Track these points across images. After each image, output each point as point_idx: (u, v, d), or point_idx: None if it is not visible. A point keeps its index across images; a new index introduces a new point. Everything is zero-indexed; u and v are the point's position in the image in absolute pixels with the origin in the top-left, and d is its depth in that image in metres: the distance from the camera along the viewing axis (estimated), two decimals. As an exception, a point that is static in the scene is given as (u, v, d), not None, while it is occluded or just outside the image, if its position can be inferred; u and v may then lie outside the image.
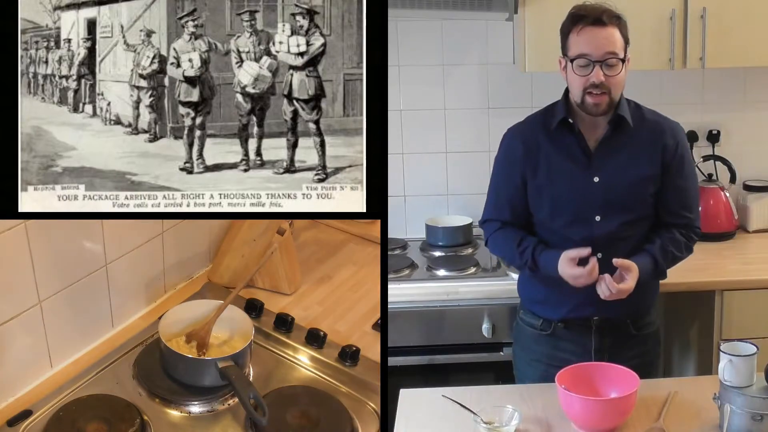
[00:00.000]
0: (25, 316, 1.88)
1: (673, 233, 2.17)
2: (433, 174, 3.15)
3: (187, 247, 2.40)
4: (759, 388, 1.76)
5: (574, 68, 2.05)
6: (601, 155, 2.13)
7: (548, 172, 2.16)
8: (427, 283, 2.72)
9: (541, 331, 2.24)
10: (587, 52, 2.03)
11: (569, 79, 2.10)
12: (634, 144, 2.14)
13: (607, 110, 2.09)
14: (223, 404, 1.93)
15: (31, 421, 1.82)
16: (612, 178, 2.13)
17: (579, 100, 2.08)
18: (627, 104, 2.15)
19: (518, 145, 2.20)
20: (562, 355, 2.19)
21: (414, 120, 3.10)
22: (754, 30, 2.72)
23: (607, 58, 2.02)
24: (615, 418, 1.86)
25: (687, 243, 2.19)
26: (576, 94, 2.08)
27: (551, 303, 2.20)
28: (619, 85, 2.07)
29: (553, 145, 2.16)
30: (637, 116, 2.16)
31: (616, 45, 2.03)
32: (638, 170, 2.13)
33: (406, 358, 2.64)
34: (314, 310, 2.35)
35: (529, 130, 2.21)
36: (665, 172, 2.15)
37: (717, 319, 2.64)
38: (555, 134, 2.15)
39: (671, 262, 2.19)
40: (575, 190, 2.14)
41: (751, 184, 3.10)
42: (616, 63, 2.04)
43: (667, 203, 2.18)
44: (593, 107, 2.06)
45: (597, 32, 2.03)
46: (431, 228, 3.06)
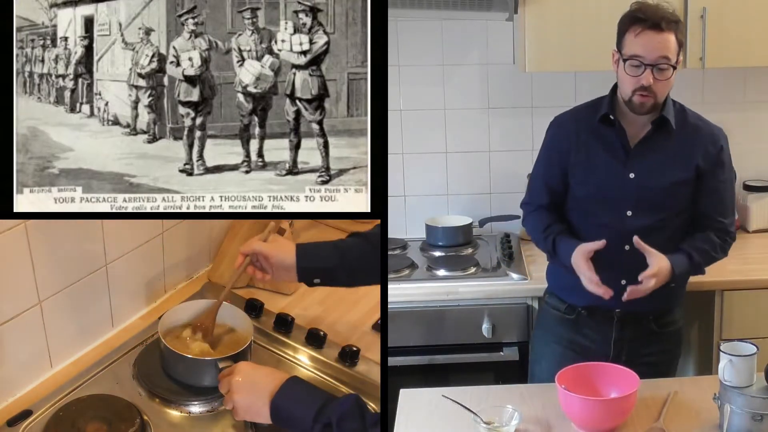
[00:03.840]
0: (25, 316, 1.88)
1: (708, 234, 2.21)
2: (433, 174, 3.15)
3: (187, 247, 2.40)
4: (759, 388, 1.76)
5: (626, 68, 2.09)
6: (640, 153, 2.18)
7: (587, 162, 2.21)
8: (427, 283, 2.72)
9: (564, 314, 2.29)
10: (641, 54, 2.07)
11: (620, 76, 2.14)
12: (674, 147, 2.18)
13: (652, 110, 2.13)
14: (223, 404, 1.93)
15: (31, 421, 1.82)
16: (647, 176, 2.17)
17: (627, 98, 2.13)
18: (673, 106, 2.20)
19: (562, 134, 2.27)
20: (582, 340, 2.25)
21: (414, 120, 3.10)
22: (754, 30, 2.72)
23: (659, 63, 2.06)
24: (615, 418, 1.86)
25: (722, 245, 2.22)
26: (625, 92, 2.13)
27: (577, 290, 2.21)
28: (666, 89, 2.13)
29: (594, 137, 2.21)
30: (680, 119, 2.20)
31: (670, 50, 2.07)
32: (673, 173, 2.17)
33: (406, 358, 2.64)
34: (314, 310, 2.35)
35: (574, 121, 2.26)
36: (701, 177, 2.19)
37: (717, 319, 2.64)
38: (598, 127, 2.20)
39: (706, 259, 2.21)
40: (610, 184, 2.19)
41: (751, 184, 3.10)
42: (667, 68, 2.08)
43: (703, 208, 2.22)
44: (639, 106, 2.12)
45: (653, 36, 2.06)
46: (431, 228, 3.06)
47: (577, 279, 2.17)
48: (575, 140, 2.23)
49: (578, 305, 2.26)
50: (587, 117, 2.24)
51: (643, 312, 2.22)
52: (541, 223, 2.28)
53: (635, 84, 2.09)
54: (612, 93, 2.22)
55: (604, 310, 2.22)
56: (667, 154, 2.18)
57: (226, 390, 1.73)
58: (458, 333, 2.66)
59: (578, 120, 2.26)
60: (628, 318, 2.22)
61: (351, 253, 1.93)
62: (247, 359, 1.99)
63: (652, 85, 2.07)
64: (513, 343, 2.64)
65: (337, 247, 1.96)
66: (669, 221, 2.19)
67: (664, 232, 2.18)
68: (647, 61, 2.06)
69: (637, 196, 2.17)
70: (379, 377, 1.97)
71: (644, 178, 2.17)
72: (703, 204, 2.22)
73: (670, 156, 2.18)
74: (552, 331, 2.32)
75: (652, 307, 2.22)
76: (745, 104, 3.14)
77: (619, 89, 2.18)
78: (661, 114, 2.16)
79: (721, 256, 2.24)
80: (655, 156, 2.18)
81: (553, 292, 2.36)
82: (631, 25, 2.10)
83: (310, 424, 1.60)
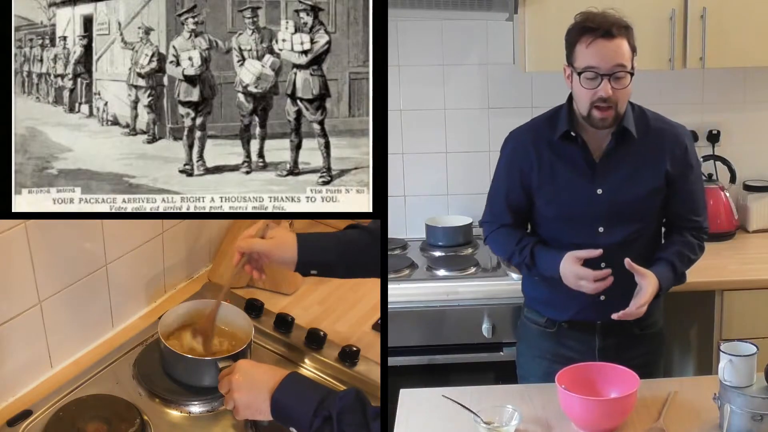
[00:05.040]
0: (25, 316, 1.88)
1: (684, 236, 2.18)
2: (433, 174, 3.15)
3: (187, 247, 2.40)
4: (759, 388, 1.76)
5: (582, 81, 2.02)
6: (605, 167, 2.12)
7: (552, 181, 2.14)
8: (427, 283, 2.72)
9: (545, 328, 2.25)
10: (595, 65, 1.99)
11: (575, 91, 2.07)
12: (639, 156, 2.12)
13: (613, 123, 2.07)
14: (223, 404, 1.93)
15: (31, 421, 1.82)
16: (616, 190, 2.11)
17: (585, 113, 2.05)
18: (632, 111, 2.13)
19: (521, 152, 2.18)
20: (566, 352, 2.20)
21: (414, 120, 3.10)
22: (753, 30, 2.72)
23: (615, 72, 1.99)
24: (615, 418, 1.86)
25: (699, 244, 2.21)
26: (583, 107, 2.05)
27: (555, 305, 2.20)
28: (625, 98, 2.06)
29: (557, 154, 2.14)
30: (641, 124, 2.14)
31: (625, 57, 2.00)
32: (643, 183, 2.12)
33: (406, 358, 2.64)
34: (314, 310, 2.35)
35: (533, 137, 2.18)
36: (671, 181, 2.15)
37: (717, 319, 2.64)
38: (559, 144, 2.14)
39: (687, 264, 2.19)
40: (579, 201, 2.12)
41: (751, 184, 3.10)
42: (624, 75, 2.01)
43: (675, 209, 2.18)
44: (600, 121, 2.04)
45: (606, 45, 1.99)
46: (431, 228, 3.05)
47: (554, 292, 2.15)
48: (537, 159, 2.14)
49: (558, 320, 2.22)
50: (546, 133, 2.15)
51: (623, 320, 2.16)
52: (511, 237, 2.20)
53: (593, 97, 2.01)
54: (569, 105, 2.14)
55: (585, 323, 2.19)
56: (634, 164, 2.12)
57: (226, 390, 1.73)
58: (458, 333, 2.66)
59: (537, 136, 2.16)
60: (609, 327, 2.17)
61: (352, 247, 1.89)
62: (247, 359, 1.99)
63: (611, 96, 1.99)
64: (513, 343, 2.63)
65: (339, 241, 1.91)
66: (643, 231, 2.15)
67: (638, 243, 2.14)
68: (603, 71, 1.98)
69: (608, 211, 2.11)
70: (379, 377, 1.97)
71: (613, 192, 2.11)
72: (677, 208, 2.18)
73: (638, 166, 2.12)
74: (535, 345, 2.28)
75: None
76: (745, 104, 3.14)
77: (575, 104, 2.09)
78: (621, 125, 2.08)
79: (700, 256, 2.22)
80: (621, 168, 2.11)
81: (531, 306, 2.30)
82: (580, 36, 2.01)
83: (310, 419, 1.60)
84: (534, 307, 2.29)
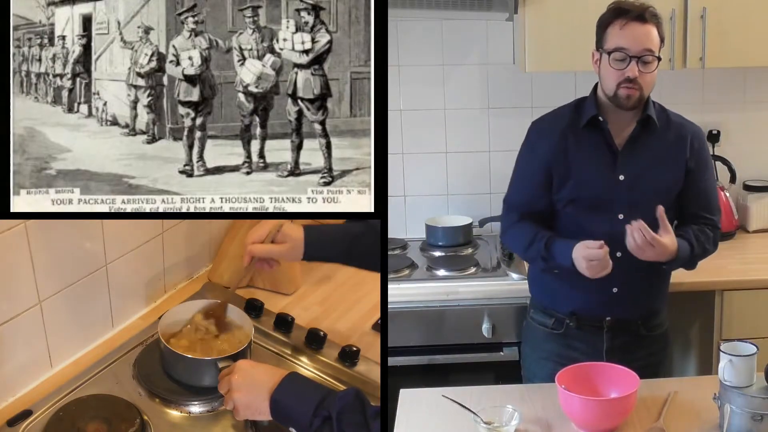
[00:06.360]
0: (25, 316, 1.88)
1: (701, 226, 2.20)
2: (433, 174, 3.15)
3: (187, 247, 2.40)
4: (759, 388, 1.76)
5: (611, 61, 2.08)
6: (628, 154, 2.16)
7: (574, 167, 2.18)
8: (427, 283, 2.72)
9: (552, 329, 2.26)
10: (626, 46, 2.06)
11: (603, 72, 2.13)
12: (660, 145, 2.17)
13: (637, 105, 2.12)
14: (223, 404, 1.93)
15: (31, 421, 1.82)
16: (637, 177, 2.15)
17: (611, 93, 2.10)
18: (653, 105, 2.19)
19: (544, 139, 2.23)
20: (573, 354, 2.21)
21: (414, 120, 3.10)
22: (753, 30, 2.72)
23: (643, 55, 2.06)
24: (615, 418, 1.86)
25: (714, 238, 2.23)
26: (609, 87, 2.11)
27: (562, 295, 2.21)
28: (650, 84, 2.11)
29: (580, 141, 2.18)
30: (662, 118, 2.20)
31: (653, 42, 2.07)
32: (664, 174, 2.17)
33: (406, 358, 2.64)
34: (314, 310, 2.35)
35: (557, 124, 2.22)
36: (689, 175, 2.19)
37: (717, 319, 2.64)
38: (583, 131, 2.18)
39: (701, 252, 2.20)
40: (601, 187, 2.16)
41: (751, 184, 3.10)
42: (651, 60, 2.07)
43: (689, 205, 2.21)
44: (625, 100, 2.09)
45: (638, 28, 2.06)
46: (431, 228, 3.05)
47: (562, 284, 2.17)
48: (561, 145, 2.19)
49: (564, 311, 2.23)
50: (571, 120, 2.20)
51: (632, 318, 2.21)
52: (528, 231, 2.21)
53: (620, 77, 2.07)
54: (594, 94, 2.20)
55: (593, 320, 2.21)
56: (656, 154, 2.17)
57: (226, 390, 1.73)
58: (458, 333, 2.66)
59: (561, 124, 2.21)
60: (617, 326, 2.20)
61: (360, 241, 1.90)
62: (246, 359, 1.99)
63: (638, 78, 2.06)
64: (513, 343, 2.64)
65: (347, 234, 1.91)
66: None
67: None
68: (632, 52, 2.05)
69: (629, 198, 2.15)
70: (379, 377, 1.97)
71: (635, 179, 2.15)
72: (693, 205, 2.22)
73: (660, 156, 2.17)
74: (541, 347, 2.29)
75: (641, 312, 2.22)
76: (745, 104, 3.14)
77: (601, 86, 2.16)
78: (645, 112, 2.14)
79: (713, 251, 2.24)
80: (644, 156, 2.16)
81: (539, 307, 2.32)
82: (614, 19, 2.09)
83: (310, 419, 1.60)
84: (540, 301, 2.31)
